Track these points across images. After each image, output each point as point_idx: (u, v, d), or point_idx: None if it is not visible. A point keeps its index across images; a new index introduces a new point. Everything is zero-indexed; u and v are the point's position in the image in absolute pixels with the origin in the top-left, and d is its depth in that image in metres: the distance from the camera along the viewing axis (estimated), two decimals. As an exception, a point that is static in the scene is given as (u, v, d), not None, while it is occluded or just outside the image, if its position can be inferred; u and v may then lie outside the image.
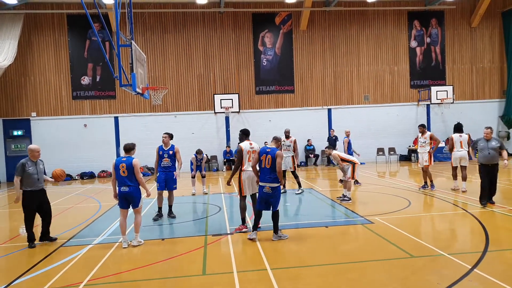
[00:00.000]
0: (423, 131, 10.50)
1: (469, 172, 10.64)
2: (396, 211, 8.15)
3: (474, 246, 5.64)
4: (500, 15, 20.10)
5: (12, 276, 5.15)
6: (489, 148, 7.99)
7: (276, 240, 6.27)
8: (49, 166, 17.57)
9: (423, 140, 10.44)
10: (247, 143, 6.80)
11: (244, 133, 6.95)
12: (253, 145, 6.82)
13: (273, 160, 6.19)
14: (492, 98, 20.26)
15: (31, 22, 17.60)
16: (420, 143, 10.57)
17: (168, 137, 8.48)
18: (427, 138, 10.40)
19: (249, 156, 6.72)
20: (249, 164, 6.68)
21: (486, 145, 8.02)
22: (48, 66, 17.90)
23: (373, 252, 5.55)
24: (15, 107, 17.72)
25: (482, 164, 8.11)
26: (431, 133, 10.58)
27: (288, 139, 10.84)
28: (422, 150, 10.47)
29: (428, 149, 10.32)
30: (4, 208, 11.04)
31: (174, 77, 18.58)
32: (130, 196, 6.30)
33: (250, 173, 6.67)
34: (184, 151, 17.44)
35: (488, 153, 7.97)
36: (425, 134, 10.47)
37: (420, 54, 19.90)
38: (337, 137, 18.00)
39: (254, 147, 6.79)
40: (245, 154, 6.71)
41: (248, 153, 6.71)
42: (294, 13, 19.00)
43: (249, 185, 6.75)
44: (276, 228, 6.35)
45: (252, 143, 6.84)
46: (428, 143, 10.37)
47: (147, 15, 18.08)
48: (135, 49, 8.52)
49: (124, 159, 6.35)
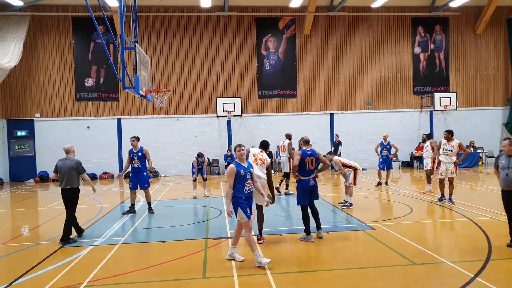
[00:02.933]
0: (450, 139, 9.36)
1: (471, 179, 10.59)
2: (397, 218, 8.10)
3: (477, 254, 5.59)
4: (505, 22, 20.08)
5: (13, 276, 5.15)
6: (509, 168, 5.85)
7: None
8: (51, 166, 17.66)
9: (450, 148, 9.31)
10: (257, 150, 6.55)
11: (262, 146, 6.83)
12: (262, 153, 6.53)
13: (316, 161, 6.53)
14: (496, 105, 20.19)
15: (37, 24, 17.76)
16: (445, 151, 9.40)
17: (136, 140, 9.11)
18: (454, 147, 9.25)
19: (256, 159, 6.37)
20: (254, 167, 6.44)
21: (507, 163, 5.87)
22: (53, 68, 18.02)
23: (374, 259, 5.52)
24: (19, 108, 17.83)
25: (503, 190, 6.03)
26: (460, 142, 9.36)
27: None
28: (448, 159, 9.29)
29: (454, 159, 9.24)
30: (7, 208, 11.08)
31: (177, 80, 18.66)
32: None
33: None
34: (186, 154, 17.71)
35: (506, 174, 5.85)
36: (453, 142, 9.31)
37: (423, 60, 19.88)
38: (340, 142, 17.99)
39: (263, 155, 6.47)
40: (251, 155, 6.39)
41: (255, 156, 6.40)
42: (297, 17, 19.07)
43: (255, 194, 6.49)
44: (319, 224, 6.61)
45: (262, 151, 6.57)
46: (455, 152, 9.24)
47: (151, 18, 18.20)
48: (139, 51, 8.57)
49: None
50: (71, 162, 6.99)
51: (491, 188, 11.84)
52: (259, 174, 6.20)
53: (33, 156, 17.84)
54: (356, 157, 16.48)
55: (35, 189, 15.29)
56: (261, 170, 6.30)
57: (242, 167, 5.37)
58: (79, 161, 7.09)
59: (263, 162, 6.40)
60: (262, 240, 6.40)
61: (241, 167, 5.37)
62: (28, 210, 10.65)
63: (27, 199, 12.67)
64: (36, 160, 17.81)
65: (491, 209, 8.38)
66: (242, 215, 5.30)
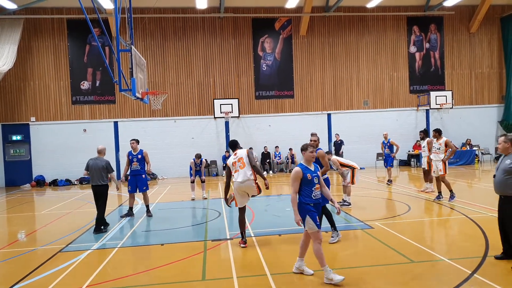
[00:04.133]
0: (438, 137, 9.63)
1: (467, 177, 10.64)
2: (395, 216, 8.13)
3: (474, 251, 5.61)
4: (498, 21, 20.22)
5: (10, 281, 5.11)
6: (497, 169, 5.13)
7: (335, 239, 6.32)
8: (47, 170, 17.63)
9: (438, 146, 9.58)
10: (232, 156, 6.52)
11: (230, 146, 6.77)
12: (237, 154, 6.44)
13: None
14: (491, 103, 20.32)
15: (31, 27, 17.66)
16: (434, 149, 9.71)
17: (136, 142, 9.22)
18: (442, 145, 9.51)
19: (235, 166, 6.38)
20: (235, 175, 6.32)
21: (498, 164, 5.21)
22: (48, 71, 17.93)
23: (372, 257, 5.53)
24: (14, 112, 17.72)
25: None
26: (447, 140, 9.61)
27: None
28: (436, 157, 9.58)
29: (442, 156, 9.45)
30: (3, 213, 11.00)
31: (174, 82, 18.62)
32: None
33: (238, 184, 6.26)
34: (184, 156, 17.66)
35: (494, 175, 5.20)
36: (440, 140, 9.59)
37: (419, 60, 19.98)
38: (342, 141, 18.12)
39: (238, 155, 6.40)
40: (231, 166, 6.43)
41: (234, 164, 6.40)
42: (293, 18, 19.10)
43: (241, 197, 6.36)
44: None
45: (236, 153, 6.47)
46: (443, 150, 9.49)
47: (147, 20, 18.15)
48: (135, 54, 8.55)
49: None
50: (101, 162, 7.88)
51: (487, 185, 11.90)
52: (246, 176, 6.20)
53: (29, 161, 17.73)
54: (354, 156, 16.59)
55: (31, 193, 15.19)
56: (243, 172, 6.24)
57: (309, 171, 4.77)
58: (108, 161, 7.99)
59: (242, 161, 6.29)
60: (242, 245, 6.25)
61: (308, 171, 4.77)
62: (24, 215, 10.58)
63: (23, 203, 12.59)
64: (32, 165, 17.69)
65: (487, 206, 8.42)
66: (311, 225, 4.69)
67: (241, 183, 6.22)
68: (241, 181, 6.21)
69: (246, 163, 6.28)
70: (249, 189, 6.30)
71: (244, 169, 6.25)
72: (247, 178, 6.21)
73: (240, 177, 6.24)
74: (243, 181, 6.21)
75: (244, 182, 6.20)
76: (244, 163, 6.28)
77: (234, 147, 6.67)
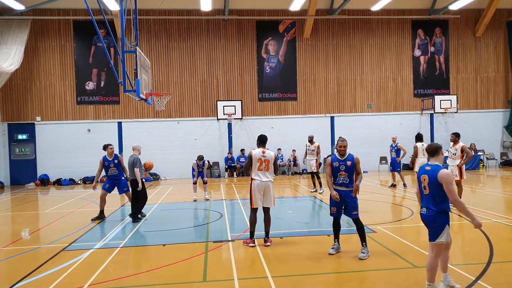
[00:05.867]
0: (456, 141, 9.08)
1: (472, 182, 10.56)
2: (399, 221, 8.08)
3: (478, 257, 5.56)
4: (505, 25, 20.12)
5: (13, 279, 5.14)
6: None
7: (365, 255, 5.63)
8: (52, 170, 17.74)
9: (453, 151, 9.12)
10: (259, 150, 6.51)
11: (259, 140, 6.73)
12: (265, 154, 6.45)
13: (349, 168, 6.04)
14: (496, 108, 20.18)
15: (38, 28, 17.83)
16: (450, 154, 9.25)
17: (113, 148, 9.13)
18: (458, 150, 9.06)
19: (260, 164, 6.40)
20: (258, 172, 6.38)
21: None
22: (54, 71, 18.07)
23: (375, 262, 5.50)
24: (20, 112, 17.88)
25: None
26: (463, 145, 9.08)
27: (312, 144, 11.99)
28: (451, 162, 9.17)
29: (458, 162, 9.05)
30: (7, 211, 11.07)
31: (177, 83, 18.70)
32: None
33: (259, 182, 6.36)
34: (187, 157, 17.70)
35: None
36: (457, 144, 9.06)
37: (424, 63, 19.91)
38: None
39: (266, 156, 6.43)
40: (255, 161, 6.42)
41: (259, 161, 6.40)
42: (298, 21, 19.12)
43: (260, 196, 6.39)
44: (363, 237, 5.74)
45: (265, 151, 6.47)
46: (459, 155, 9.06)
47: (152, 22, 18.26)
48: (139, 55, 8.60)
49: None
50: (131, 158, 8.35)
51: (492, 191, 11.82)
52: (268, 178, 6.44)
53: (34, 160, 17.86)
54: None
55: (35, 192, 15.29)
56: (266, 174, 6.47)
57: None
58: (136, 157, 8.36)
59: (268, 164, 6.45)
60: (269, 243, 6.43)
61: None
62: (28, 214, 10.65)
63: (27, 202, 12.67)
64: (36, 164, 17.83)
65: (492, 212, 8.36)
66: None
67: (263, 182, 6.45)
68: (264, 181, 6.45)
69: (270, 168, 6.53)
70: (267, 190, 6.48)
71: (268, 172, 6.51)
72: (269, 179, 6.49)
73: (263, 177, 6.45)
74: (265, 181, 6.45)
75: (266, 182, 6.45)
76: (269, 167, 6.51)
77: (263, 143, 6.67)
